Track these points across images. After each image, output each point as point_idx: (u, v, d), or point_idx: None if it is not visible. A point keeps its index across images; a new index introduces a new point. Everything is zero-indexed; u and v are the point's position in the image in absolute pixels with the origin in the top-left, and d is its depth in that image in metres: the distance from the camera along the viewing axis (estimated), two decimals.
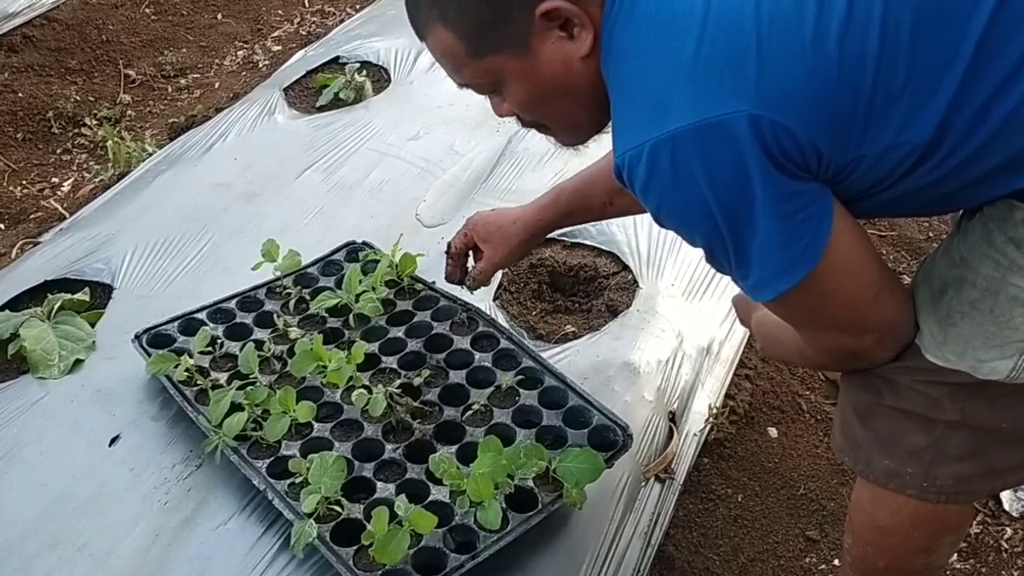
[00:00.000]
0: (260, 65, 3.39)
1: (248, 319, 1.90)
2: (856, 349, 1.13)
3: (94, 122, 3.05)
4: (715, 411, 1.89)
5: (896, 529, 1.26)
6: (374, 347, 1.79)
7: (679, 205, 1.01)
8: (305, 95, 2.84)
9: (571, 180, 1.62)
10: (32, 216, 2.67)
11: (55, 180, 2.86)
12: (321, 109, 2.75)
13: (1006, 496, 1.82)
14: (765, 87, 0.94)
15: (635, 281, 2.06)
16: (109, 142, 2.79)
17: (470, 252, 1.74)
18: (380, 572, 1.39)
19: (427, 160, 2.48)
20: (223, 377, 1.74)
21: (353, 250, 2.08)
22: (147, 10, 3.71)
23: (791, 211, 0.98)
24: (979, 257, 1.06)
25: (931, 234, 2.53)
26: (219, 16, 3.73)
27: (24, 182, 2.84)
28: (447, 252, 1.73)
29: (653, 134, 0.96)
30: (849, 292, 1.07)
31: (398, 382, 1.69)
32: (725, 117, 0.94)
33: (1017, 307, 1.04)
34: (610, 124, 1.08)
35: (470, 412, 1.65)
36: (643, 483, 1.68)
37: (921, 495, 1.20)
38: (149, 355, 1.78)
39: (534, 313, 2.01)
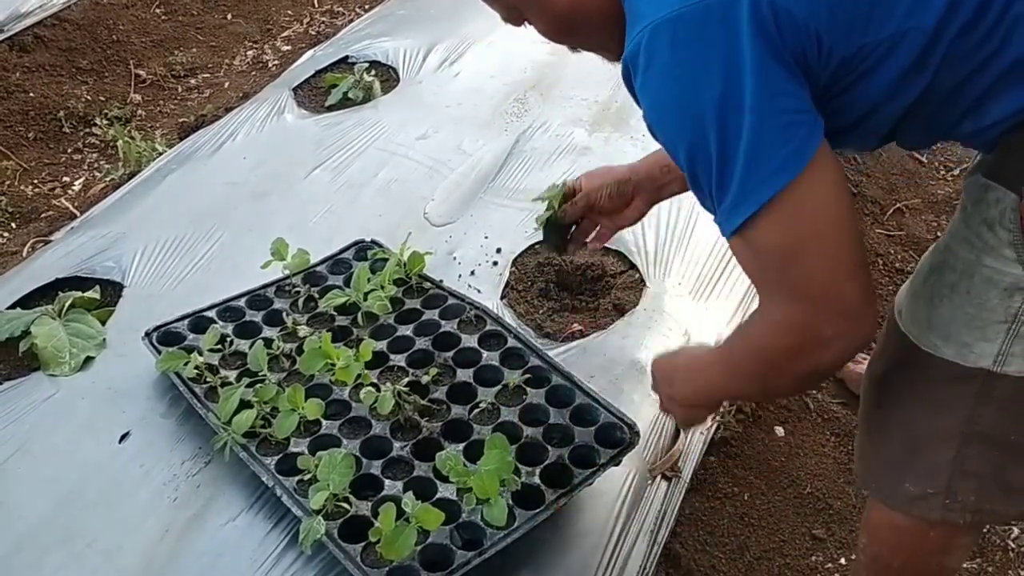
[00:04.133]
0: (269, 65, 3.40)
1: (257, 317, 1.91)
2: (815, 334, 1.01)
3: (105, 121, 3.06)
4: (722, 410, 1.89)
5: (913, 528, 1.26)
6: (382, 345, 1.80)
7: (672, 97, 0.97)
8: (314, 95, 2.85)
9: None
10: (43, 215, 2.68)
11: (66, 179, 2.87)
12: (330, 108, 2.76)
13: None
14: None
15: (642, 280, 2.06)
16: (119, 141, 2.81)
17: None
18: (387, 568, 1.40)
19: (435, 159, 2.49)
20: (232, 375, 1.75)
21: (361, 248, 2.09)
22: (157, 10, 3.72)
23: (782, 108, 0.94)
24: (958, 240, 1.09)
25: (939, 233, 2.53)
26: (229, 16, 3.75)
27: (35, 181, 2.86)
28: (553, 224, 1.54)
29: (658, 15, 0.95)
30: (830, 242, 0.98)
31: (406, 380, 1.70)
32: None
33: (992, 288, 1.05)
34: None
35: (477, 410, 1.66)
36: (649, 481, 1.68)
37: (945, 515, 1.19)
38: (159, 352, 1.79)
39: (541, 311, 2.01)
